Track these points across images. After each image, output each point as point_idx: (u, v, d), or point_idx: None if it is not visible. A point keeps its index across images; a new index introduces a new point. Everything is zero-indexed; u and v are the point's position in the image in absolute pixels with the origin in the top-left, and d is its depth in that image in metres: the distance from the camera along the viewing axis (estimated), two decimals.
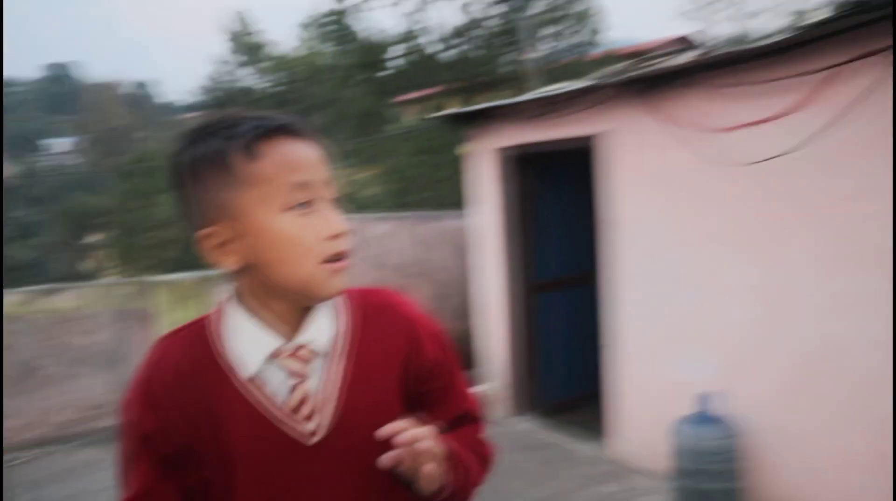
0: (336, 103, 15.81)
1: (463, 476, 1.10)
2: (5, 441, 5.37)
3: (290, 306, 1.07)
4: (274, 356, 1.05)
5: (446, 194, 13.16)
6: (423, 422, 1.02)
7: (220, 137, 1.01)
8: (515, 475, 4.81)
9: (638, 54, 4.89)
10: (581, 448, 5.20)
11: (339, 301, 1.13)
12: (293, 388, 1.05)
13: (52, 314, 5.95)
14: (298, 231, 1.01)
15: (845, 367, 3.65)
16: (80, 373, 5.89)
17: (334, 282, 1.05)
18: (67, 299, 6.10)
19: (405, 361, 1.14)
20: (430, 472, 1.00)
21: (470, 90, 13.22)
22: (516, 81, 12.25)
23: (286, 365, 1.05)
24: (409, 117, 18.08)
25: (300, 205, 1.01)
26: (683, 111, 4.20)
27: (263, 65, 19.59)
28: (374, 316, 1.15)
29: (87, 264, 31.28)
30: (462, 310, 7.66)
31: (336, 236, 1.04)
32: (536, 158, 5.67)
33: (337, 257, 1.05)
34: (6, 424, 5.41)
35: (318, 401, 1.06)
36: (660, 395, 4.53)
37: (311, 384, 1.06)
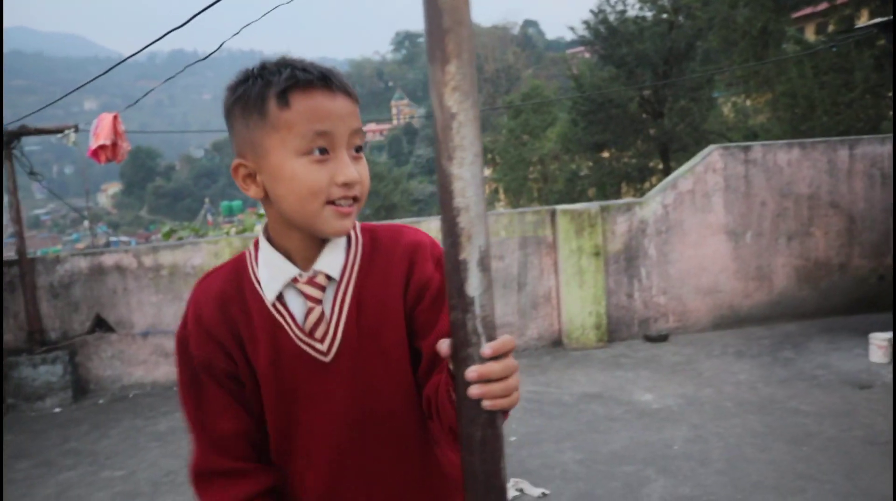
0: (727, 25, 14.88)
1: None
2: None
3: (306, 238, 1.20)
4: (293, 282, 1.19)
5: (855, 119, 11.82)
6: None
7: (262, 82, 1.13)
8: None
9: None
10: None
11: (353, 235, 1.24)
12: (309, 311, 1.19)
13: None
14: (308, 174, 1.12)
15: None
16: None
17: (338, 223, 1.15)
18: None
19: (405, 283, 1.22)
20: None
21: None
22: None
23: (303, 290, 1.19)
24: (810, 35, 16.44)
25: (318, 151, 1.12)
26: None
27: None
28: (381, 246, 1.25)
29: None
30: (879, 247, 6.93)
31: (346, 184, 1.14)
32: None
33: (344, 202, 1.15)
34: None
35: (330, 323, 1.19)
36: None
37: (326, 308, 1.20)
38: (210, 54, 5.62)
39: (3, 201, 6.46)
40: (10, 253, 6.76)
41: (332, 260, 1.21)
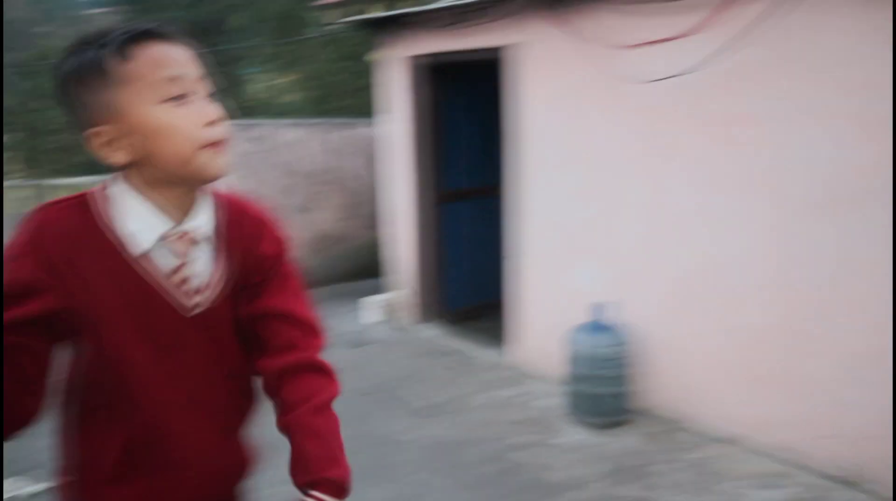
0: (254, 5, 15.18)
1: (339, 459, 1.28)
2: None
3: (180, 194, 1.21)
4: (163, 238, 1.20)
5: (366, 103, 12.95)
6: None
7: (96, 46, 1.13)
8: (420, 379, 4.99)
9: None
10: (482, 354, 5.40)
11: (214, 198, 1.29)
12: (178, 267, 1.22)
13: None
14: (174, 121, 1.13)
15: (719, 283, 3.90)
16: None
17: (215, 163, 1.18)
18: None
19: (245, 253, 1.31)
20: None
21: None
22: None
23: (173, 247, 1.21)
24: (331, 21, 17.43)
25: (174, 98, 1.14)
26: (591, 26, 4.25)
27: None
28: (235, 214, 1.32)
29: None
30: (373, 219, 7.70)
31: (211, 123, 1.16)
32: (447, 68, 5.63)
33: (214, 142, 1.17)
34: None
35: (202, 282, 1.25)
36: (556, 304, 4.72)
37: (196, 266, 1.24)
38: None
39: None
40: None
41: (202, 220, 1.23)
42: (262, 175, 7.15)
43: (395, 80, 5.81)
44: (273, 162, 7.18)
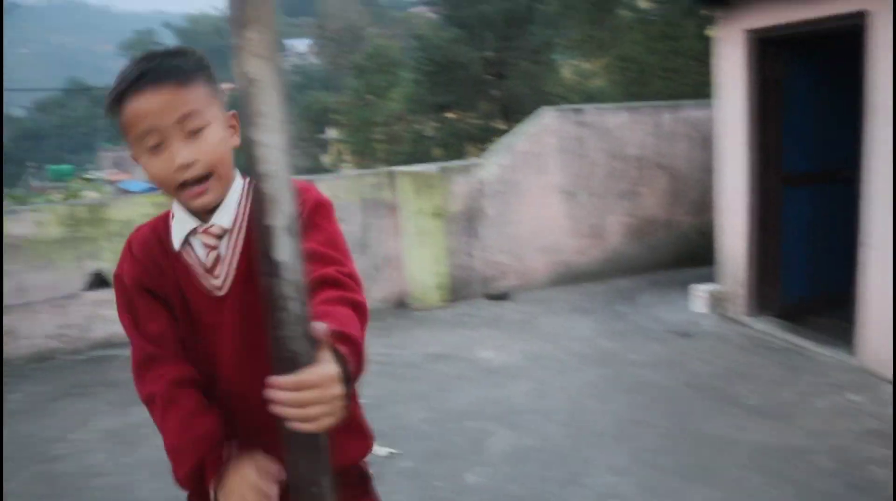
0: None
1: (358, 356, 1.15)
2: None
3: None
4: (192, 233, 1.40)
5: (682, 84, 12.47)
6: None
7: (112, 89, 1.32)
8: (751, 376, 4.69)
9: None
10: (824, 352, 4.93)
11: (246, 189, 1.42)
12: (207, 254, 1.40)
13: None
14: (153, 169, 1.33)
15: None
16: None
17: (195, 202, 1.35)
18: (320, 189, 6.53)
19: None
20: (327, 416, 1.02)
21: None
22: None
23: (202, 240, 1.40)
24: (644, 1, 17.15)
25: (153, 147, 1.30)
26: None
27: None
28: None
29: (327, 158, 33.35)
30: (699, 205, 7.42)
31: (181, 167, 1.30)
32: (788, 41, 5.20)
33: (191, 183, 1.33)
34: None
35: (224, 264, 1.40)
36: None
37: (222, 253, 1.40)
38: None
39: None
40: None
41: (223, 215, 1.40)
42: (590, 159, 7.19)
43: (729, 57, 5.50)
44: (600, 146, 7.19)
